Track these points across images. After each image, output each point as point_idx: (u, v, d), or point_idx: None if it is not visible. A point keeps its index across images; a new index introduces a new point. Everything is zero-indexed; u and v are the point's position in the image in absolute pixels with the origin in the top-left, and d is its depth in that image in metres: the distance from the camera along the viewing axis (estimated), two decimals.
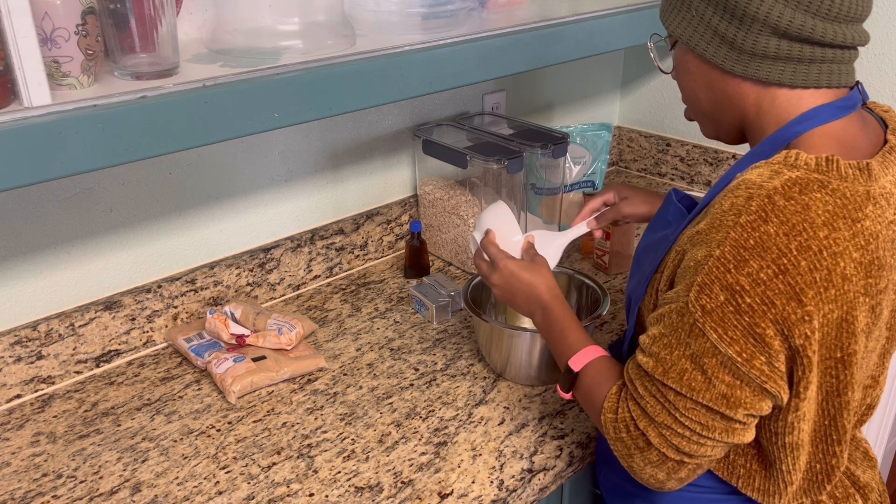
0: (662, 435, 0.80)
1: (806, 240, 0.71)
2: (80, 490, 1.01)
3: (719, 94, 0.84)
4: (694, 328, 0.75)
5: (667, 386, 0.78)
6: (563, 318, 0.99)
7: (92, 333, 1.23)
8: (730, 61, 0.80)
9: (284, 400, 1.18)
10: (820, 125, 0.79)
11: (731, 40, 0.79)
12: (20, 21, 0.72)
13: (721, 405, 0.76)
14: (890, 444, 2.06)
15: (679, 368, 0.77)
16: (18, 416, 1.15)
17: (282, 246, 1.44)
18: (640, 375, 0.82)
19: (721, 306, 0.73)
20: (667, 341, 0.78)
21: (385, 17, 1.13)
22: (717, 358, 0.74)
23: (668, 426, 0.79)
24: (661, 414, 0.79)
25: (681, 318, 0.76)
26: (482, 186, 1.47)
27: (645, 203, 1.18)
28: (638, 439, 0.82)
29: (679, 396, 0.78)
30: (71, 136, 0.76)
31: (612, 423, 0.85)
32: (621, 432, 0.84)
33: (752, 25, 0.77)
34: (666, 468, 0.82)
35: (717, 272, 0.73)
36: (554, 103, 1.91)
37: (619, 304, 1.43)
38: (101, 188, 1.20)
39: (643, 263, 0.93)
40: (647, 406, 0.81)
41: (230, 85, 0.88)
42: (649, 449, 0.81)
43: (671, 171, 2.00)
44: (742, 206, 0.74)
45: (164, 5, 0.87)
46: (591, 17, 1.30)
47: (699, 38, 0.82)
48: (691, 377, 0.76)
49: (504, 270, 1.04)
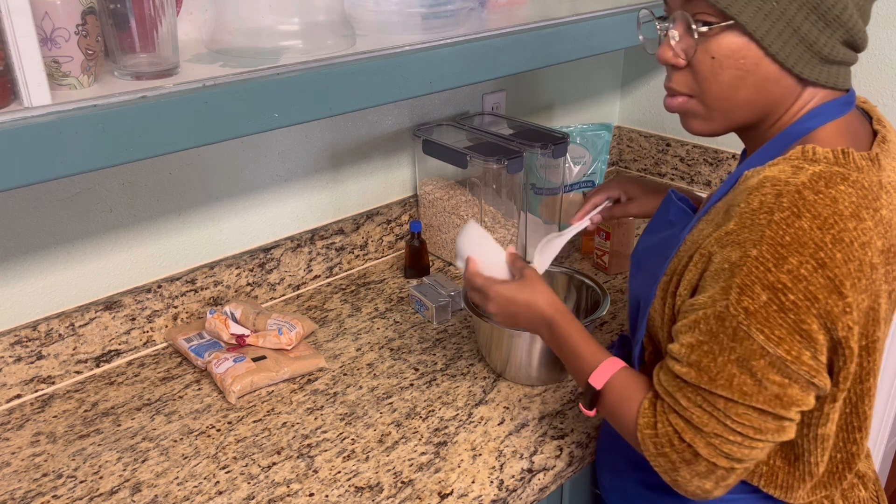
0: (712, 444, 0.78)
1: (838, 232, 0.71)
2: (80, 490, 1.01)
3: (763, 90, 0.79)
4: (738, 331, 0.74)
5: (715, 394, 0.76)
6: (570, 332, 0.95)
7: (92, 333, 1.23)
8: (801, 63, 0.77)
9: (284, 400, 1.18)
10: (830, 121, 0.80)
11: (811, 42, 0.76)
12: (20, 21, 0.72)
13: (775, 406, 0.75)
14: (890, 444, 2.06)
15: (727, 374, 0.75)
16: (18, 416, 1.15)
17: (282, 246, 1.44)
18: (680, 387, 0.80)
19: (764, 306, 0.72)
20: (707, 348, 0.76)
21: (385, 17, 1.13)
22: (765, 359, 0.73)
23: (719, 434, 0.77)
24: (711, 423, 0.77)
25: (721, 323, 0.75)
26: (482, 186, 1.47)
27: (652, 201, 1.17)
28: (684, 452, 0.79)
29: (730, 403, 0.76)
30: (71, 136, 0.76)
31: (653, 440, 0.82)
32: (664, 447, 0.81)
33: (836, 31, 0.76)
34: (715, 477, 0.80)
35: (756, 272, 0.72)
36: (554, 103, 1.91)
37: (619, 303, 1.43)
38: (101, 188, 1.20)
39: (646, 264, 0.92)
40: (694, 417, 0.78)
41: (230, 85, 0.88)
42: (697, 460, 0.79)
43: (671, 171, 2.00)
44: (773, 203, 0.73)
45: (164, 5, 0.87)
46: (591, 17, 1.30)
47: (776, 35, 0.75)
48: (741, 382, 0.75)
49: (498, 298, 1.00)
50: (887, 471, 2.12)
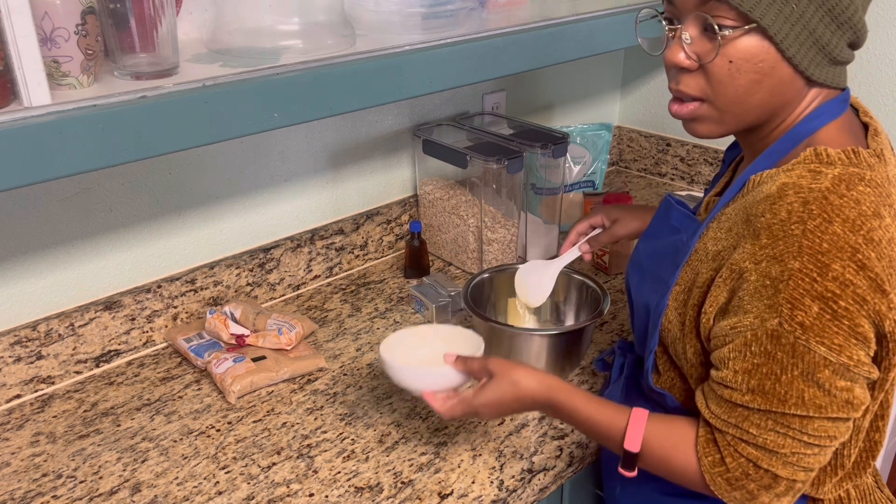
0: (790, 463, 0.77)
1: (868, 232, 0.72)
2: (79, 490, 1.01)
3: (777, 93, 0.78)
4: (797, 347, 0.73)
5: (788, 414, 0.75)
6: (575, 403, 0.89)
7: (92, 333, 1.23)
8: (813, 65, 0.76)
9: (284, 400, 1.18)
10: (832, 119, 0.80)
11: (823, 44, 0.75)
12: (20, 21, 0.72)
13: (848, 411, 0.75)
14: (890, 445, 2.06)
15: (796, 392, 0.74)
16: (18, 417, 1.15)
17: (282, 246, 1.44)
18: (746, 416, 0.78)
19: (818, 317, 0.71)
20: (767, 370, 0.75)
21: (385, 17, 1.13)
22: (829, 369, 0.73)
23: (796, 452, 0.77)
24: (787, 443, 0.76)
25: (777, 342, 0.73)
26: (482, 186, 1.47)
27: (635, 219, 1.17)
28: (763, 479, 0.78)
29: (805, 420, 0.75)
30: (71, 136, 0.76)
31: (725, 476, 0.80)
32: (741, 480, 0.79)
33: (846, 32, 0.76)
34: (793, 492, 0.80)
35: (803, 284, 0.71)
36: (554, 103, 1.91)
37: (619, 304, 1.43)
38: (101, 188, 1.20)
39: (652, 270, 0.91)
40: (768, 442, 0.77)
41: (230, 85, 0.87)
42: (777, 483, 0.78)
43: (671, 171, 2.00)
44: (802, 211, 0.73)
45: (163, 5, 0.87)
46: (591, 17, 1.30)
47: (794, 37, 0.74)
48: (812, 396, 0.74)
49: (485, 409, 0.92)
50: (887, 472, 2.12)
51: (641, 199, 1.90)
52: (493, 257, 1.51)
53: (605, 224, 1.20)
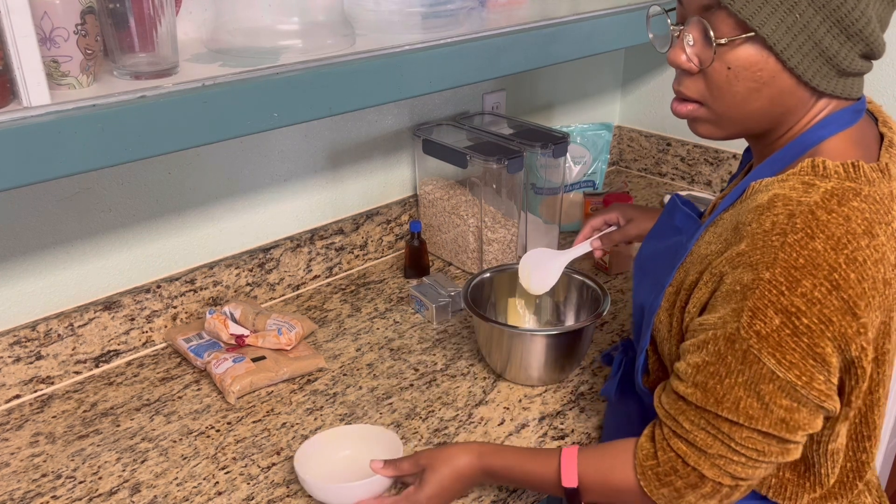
0: (717, 465, 0.78)
1: (852, 251, 0.70)
2: (79, 490, 1.01)
3: (777, 102, 0.77)
4: (748, 355, 0.73)
5: (720, 416, 0.76)
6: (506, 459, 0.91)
7: (91, 333, 1.23)
8: (818, 76, 0.75)
9: (284, 400, 1.18)
10: (841, 130, 0.78)
11: (830, 56, 0.74)
12: (19, 20, 0.72)
13: (780, 430, 0.74)
14: (890, 445, 2.06)
15: (733, 397, 0.74)
16: (17, 417, 1.15)
17: (281, 246, 1.44)
18: (683, 410, 0.79)
19: (777, 330, 0.71)
20: (714, 370, 0.75)
21: (385, 17, 1.13)
22: (774, 383, 0.72)
23: (723, 455, 0.77)
24: (715, 445, 0.77)
25: (730, 346, 0.74)
26: (482, 186, 1.47)
27: (649, 220, 1.16)
28: (689, 476, 0.79)
29: (735, 426, 0.75)
30: (70, 136, 0.76)
31: (655, 470, 0.81)
32: (669, 476, 0.80)
33: (857, 45, 0.74)
34: (720, 496, 0.80)
35: (769, 295, 0.71)
36: (554, 103, 1.91)
37: (619, 304, 1.42)
38: (100, 188, 1.20)
39: (652, 270, 0.91)
40: (698, 440, 0.78)
41: (230, 85, 0.87)
42: (703, 482, 0.79)
43: (671, 171, 2.00)
44: (786, 224, 0.72)
45: (163, 5, 0.87)
46: (591, 17, 1.30)
47: (796, 48, 0.73)
48: (747, 405, 0.74)
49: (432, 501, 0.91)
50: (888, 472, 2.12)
51: (642, 199, 1.90)
52: (493, 257, 1.51)
53: (620, 222, 1.20)
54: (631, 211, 1.19)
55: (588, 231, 1.21)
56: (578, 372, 1.23)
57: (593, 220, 1.21)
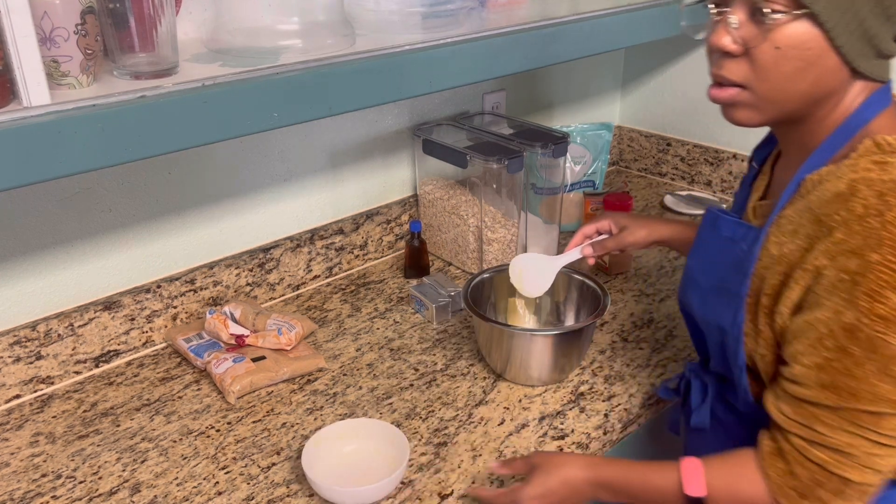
0: (862, 465, 0.75)
1: None
2: (79, 490, 1.01)
3: (821, 83, 0.77)
4: (874, 341, 0.71)
5: (860, 410, 0.73)
6: (625, 472, 0.89)
7: (91, 333, 1.23)
8: (860, 57, 0.76)
9: (284, 400, 1.18)
10: (883, 109, 0.79)
11: (871, 36, 0.75)
12: (19, 20, 0.72)
13: None
14: None
15: (869, 387, 0.72)
16: (17, 417, 1.15)
17: (281, 246, 1.44)
18: (815, 414, 0.76)
19: None
20: (840, 366, 0.73)
21: (385, 17, 1.13)
22: None
23: (868, 452, 0.75)
24: (858, 443, 0.75)
25: (852, 336, 0.72)
26: (482, 186, 1.47)
27: (643, 228, 1.16)
28: (836, 485, 0.76)
29: (878, 416, 0.73)
30: (70, 136, 0.76)
31: (797, 490, 0.78)
32: (814, 490, 0.77)
33: (893, 26, 0.75)
34: (867, 496, 0.77)
35: (884, 275, 0.70)
36: (554, 103, 1.91)
37: (619, 304, 1.42)
38: (100, 188, 1.20)
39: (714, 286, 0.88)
40: (841, 443, 0.75)
41: (230, 84, 0.87)
42: (849, 487, 0.76)
43: (672, 171, 2.00)
44: (879, 204, 0.71)
45: (163, 5, 0.87)
46: (591, 17, 1.30)
47: (843, 27, 0.74)
48: (886, 391, 0.72)
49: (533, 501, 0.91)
50: None
51: (642, 199, 1.90)
52: (493, 257, 1.51)
53: (612, 230, 1.19)
54: (624, 219, 1.18)
55: (580, 238, 1.20)
56: (578, 372, 1.23)
57: (585, 228, 1.21)
